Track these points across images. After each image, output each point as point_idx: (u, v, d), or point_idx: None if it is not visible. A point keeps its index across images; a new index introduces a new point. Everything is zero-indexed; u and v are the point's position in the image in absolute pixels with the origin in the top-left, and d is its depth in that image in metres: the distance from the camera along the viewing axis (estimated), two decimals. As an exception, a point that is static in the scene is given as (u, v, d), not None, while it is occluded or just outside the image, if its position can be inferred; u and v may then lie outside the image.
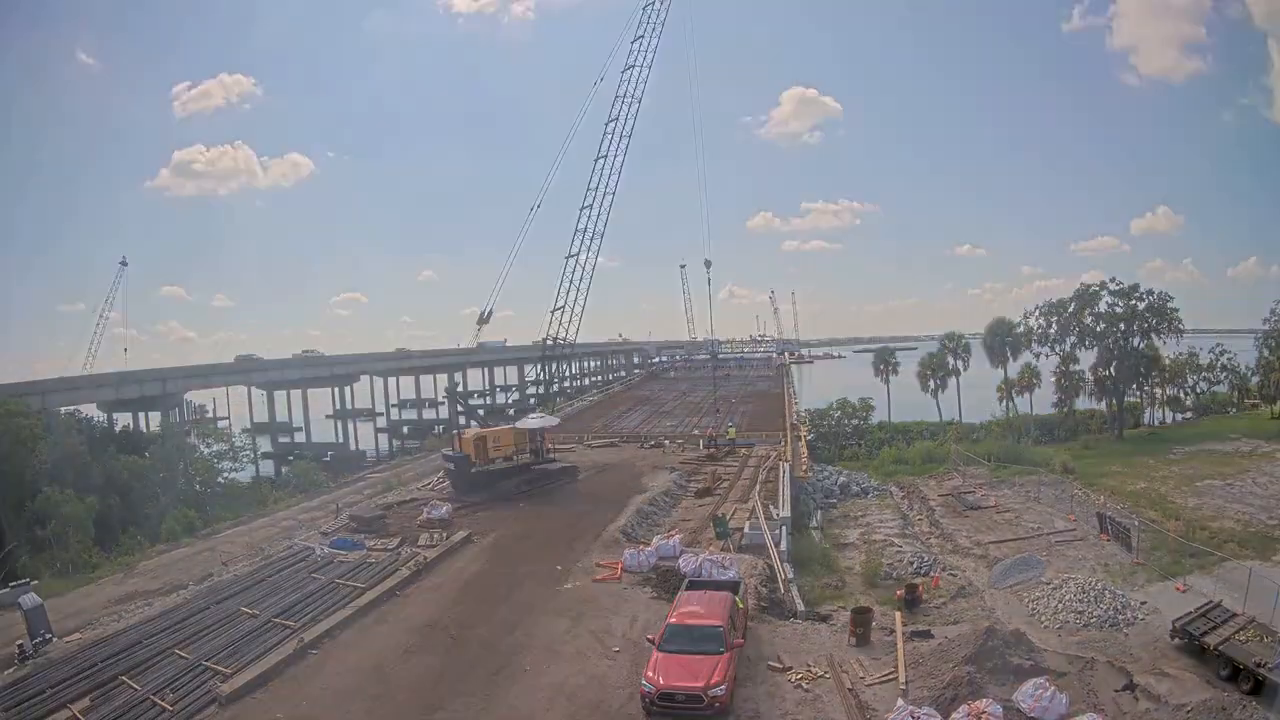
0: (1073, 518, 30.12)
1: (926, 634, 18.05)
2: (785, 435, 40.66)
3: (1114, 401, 54.08)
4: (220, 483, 41.95)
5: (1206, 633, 17.26)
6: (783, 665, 15.84)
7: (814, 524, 31.75)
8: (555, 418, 42.91)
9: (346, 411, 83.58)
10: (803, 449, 38.23)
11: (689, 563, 20.58)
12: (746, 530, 23.96)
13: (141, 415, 60.81)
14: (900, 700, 13.96)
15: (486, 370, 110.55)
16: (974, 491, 36.46)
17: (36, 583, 21.63)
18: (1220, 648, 16.65)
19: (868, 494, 39.31)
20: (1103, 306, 52.45)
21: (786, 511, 26.20)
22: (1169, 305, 51.47)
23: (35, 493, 31.40)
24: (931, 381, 65.46)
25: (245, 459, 49.50)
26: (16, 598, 19.18)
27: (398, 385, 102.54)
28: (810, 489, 36.46)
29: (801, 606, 19.35)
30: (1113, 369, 52.80)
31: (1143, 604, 20.40)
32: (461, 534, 24.87)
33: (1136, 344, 52.54)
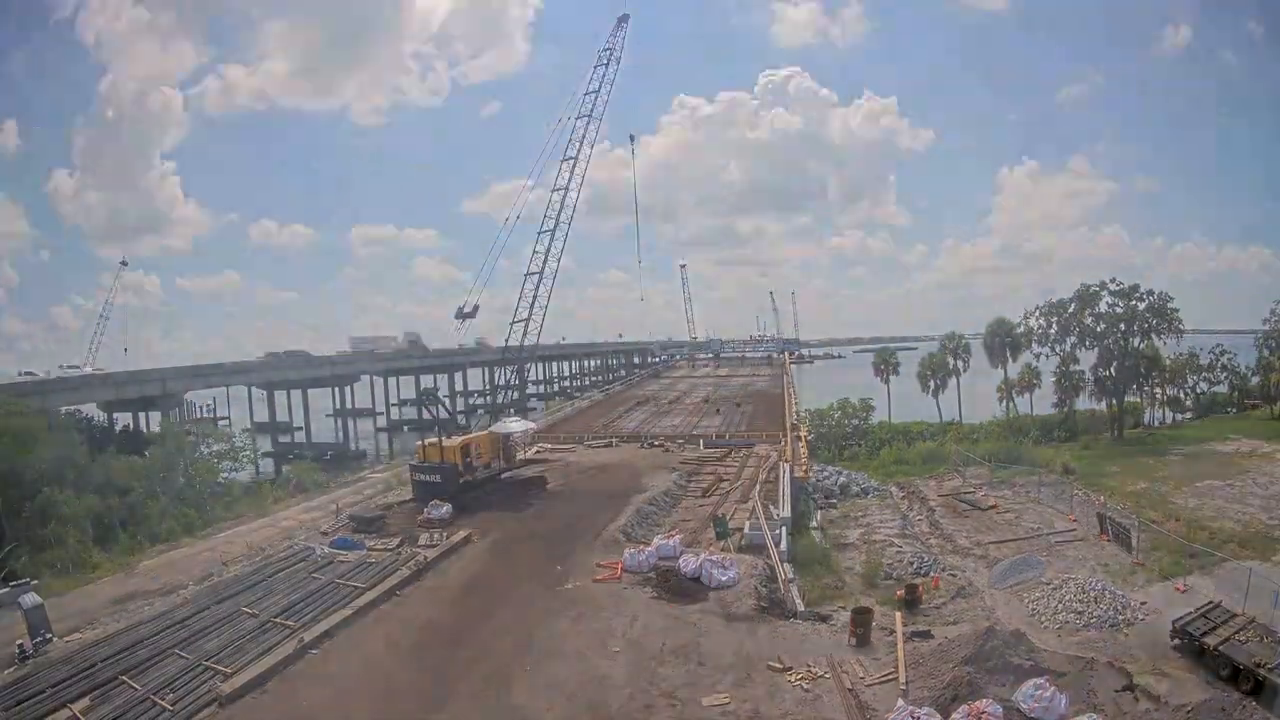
0: (1073, 518, 30.09)
1: (926, 634, 18.08)
2: (785, 435, 40.66)
3: (1114, 402, 54.03)
4: (220, 482, 41.90)
5: (1206, 633, 17.25)
6: (783, 665, 15.84)
7: (814, 524, 31.69)
8: (532, 423, 42.49)
9: (346, 411, 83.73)
10: (803, 449, 38.20)
11: (689, 563, 20.58)
12: (747, 530, 23.96)
13: (142, 416, 60.91)
14: (900, 700, 13.98)
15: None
16: (974, 492, 36.42)
17: (36, 583, 21.62)
18: (1220, 648, 16.65)
19: (868, 494, 39.21)
20: (1103, 307, 52.43)
21: (786, 512, 26.19)
22: (1169, 305, 51.50)
23: (35, 492, 31.36)
24: (932, 382, 65.48)
25: (245, 459, 49.46)
26: (16, 598, 19.22)
27: (398, 385, 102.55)
28: (810, 489, 36.41)
29: (801, 606, 19.33)
30: (1113, 369, 52.78)
31: (1143, 604, 20.37)
32: (461, 534, 24.88)
33: (1137, 344, 52.55)
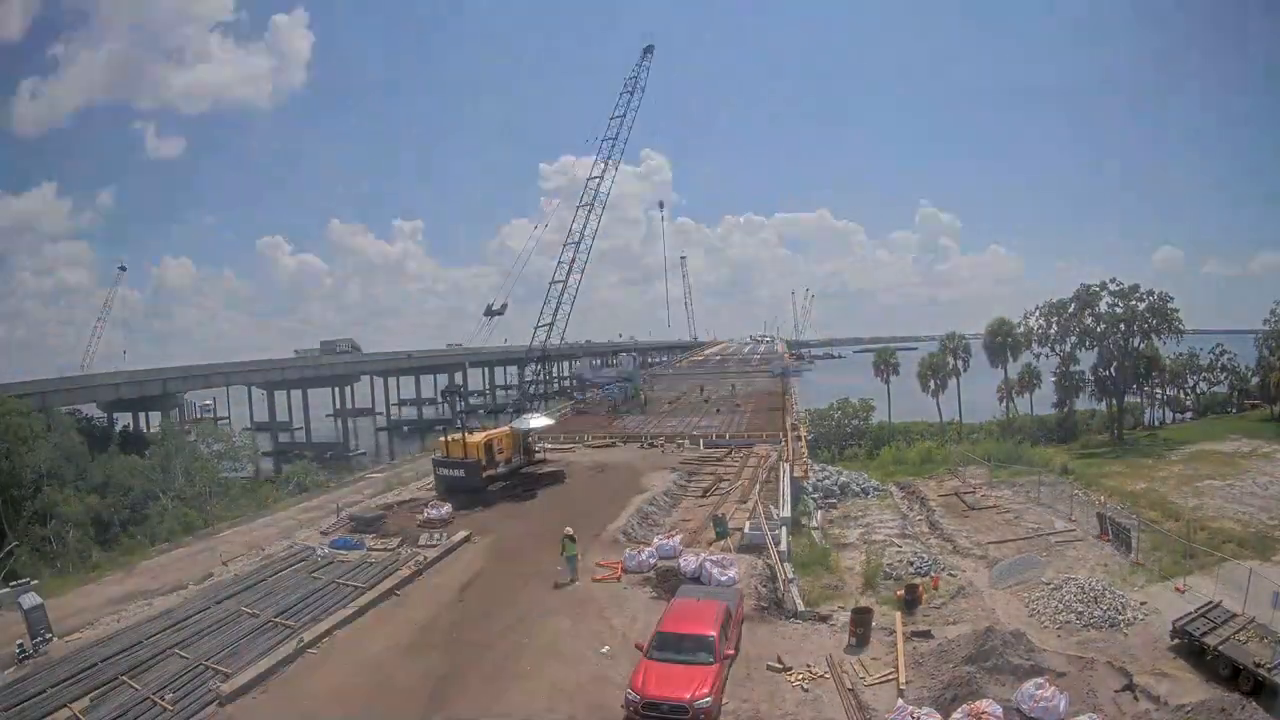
0: (1073, 518, 30.11)
1: (926, 634, 18.07)
2: (785, 435, 40.64)
3: (1114, 402, 54.07)
4: (220, 482, 41.96)
5: (1206, 633, 17.22)
6: (783, 665, 15.82)
7: (814, 524, 31.69)
8: (551, 419, 42.75)
9: (346, 410, 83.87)
10: (803, 449, 38.18)
11: (689, 563, 20.55)
12: (746, 530, 23.90)
13: (142, 416, 61.01)
14: (900, 700, 13.97)
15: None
16: (974, 492, 36.44)
17: (36, 582, 21.59)
18: (1220, 648, 16.62)
19: (868, 494, 39.23)
20: (1103, 307, 52.49)
21: (786, 511, 26.15)
22: (1169, 306, 51.53)
23: (35, 492, 31.41)
24: (932, 382, 65.51)
25: (245, 458, 49.58)
26: (16, 597, 19.17)
27: (398, 385, 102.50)
28: (810, 489, 36.40)
29: (801, 606, 19.28)
30: (1113, 370, 52.83)
31: (1142, 604, 20.34)
32: (461, 534, 24.85)
33: (1137, 345, 52.57)
